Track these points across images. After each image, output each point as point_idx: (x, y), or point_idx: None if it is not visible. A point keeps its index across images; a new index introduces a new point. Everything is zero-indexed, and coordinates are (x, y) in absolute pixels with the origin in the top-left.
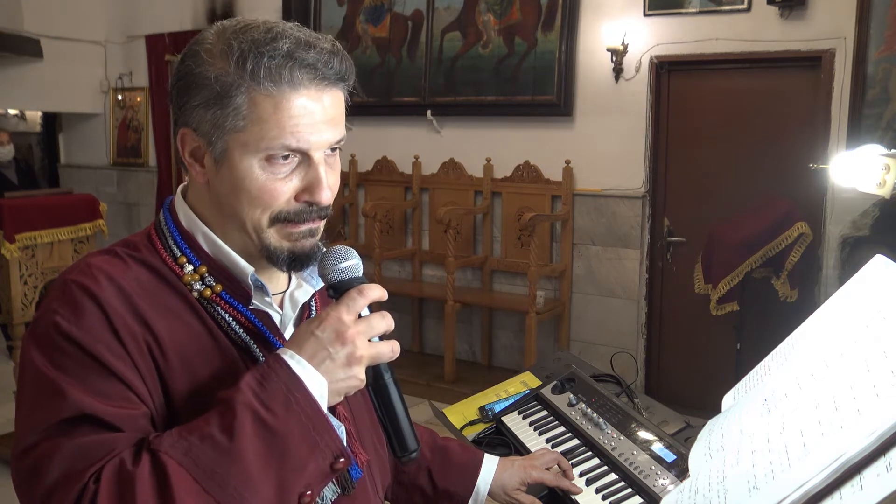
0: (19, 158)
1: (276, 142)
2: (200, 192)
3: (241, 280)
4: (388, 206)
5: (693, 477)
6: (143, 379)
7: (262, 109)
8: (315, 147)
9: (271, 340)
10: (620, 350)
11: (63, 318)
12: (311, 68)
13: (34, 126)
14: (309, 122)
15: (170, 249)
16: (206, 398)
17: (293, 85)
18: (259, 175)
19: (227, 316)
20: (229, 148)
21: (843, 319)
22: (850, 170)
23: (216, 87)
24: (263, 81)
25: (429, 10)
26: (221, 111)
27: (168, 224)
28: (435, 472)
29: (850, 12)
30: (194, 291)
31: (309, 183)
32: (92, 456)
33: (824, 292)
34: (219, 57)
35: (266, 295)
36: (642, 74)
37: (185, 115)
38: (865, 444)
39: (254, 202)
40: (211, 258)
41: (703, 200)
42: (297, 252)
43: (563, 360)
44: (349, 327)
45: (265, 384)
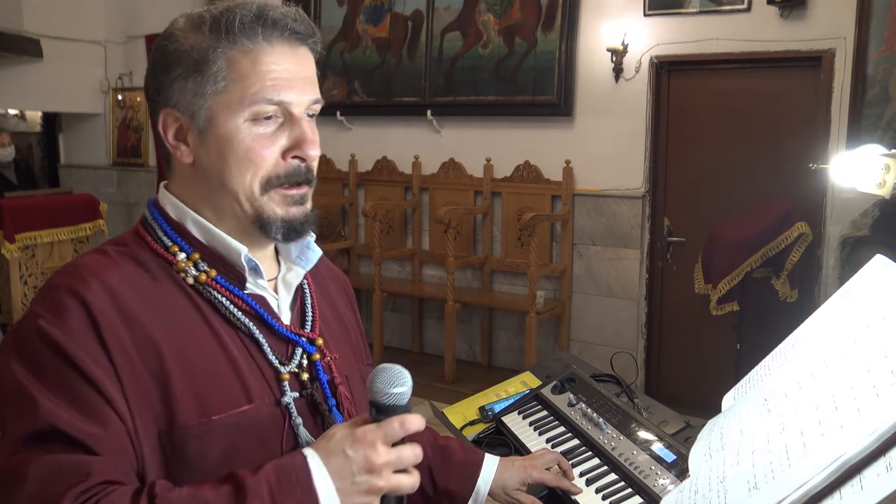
0: (19, 159)
1: (257, 96)
2: (186, 178)
3: (234, 263)
4: (388, 206)
5: (693, 477)
6: (124, 390)
7: (241, 66)
8: (296, 104)
9: (270, 323)
10: (620, 350)
11: (46, 321)
12: (281, 24)
13: (34, 126)
14: (287, 76)
15: (160, 240)
16: (207, 384)
17: (268, 39)
18: (245, 136)
19: (225, 300)
20: (213, 114)
21: (843, 319)
22: (850, 170)
23: (193, 55)
24: (239, 38)
25: (429, 10)
26: (201, 77)
27: (155, 217)
28: (435, 472)
29: (850, 12)
30: (189, 278)
31: (295, 139)
32: (67, 477)
33: (824, 292)
34: (191, 31)
35: (260, 277)
36: (642, 74)
37: (165, 95)
38: (865, 444)
39: (243, 166)
40: (203, 244)
41: (703, 200)
42: (291, 220)
43: (563, 360)
44: (380, 457)
45: (283, 482)
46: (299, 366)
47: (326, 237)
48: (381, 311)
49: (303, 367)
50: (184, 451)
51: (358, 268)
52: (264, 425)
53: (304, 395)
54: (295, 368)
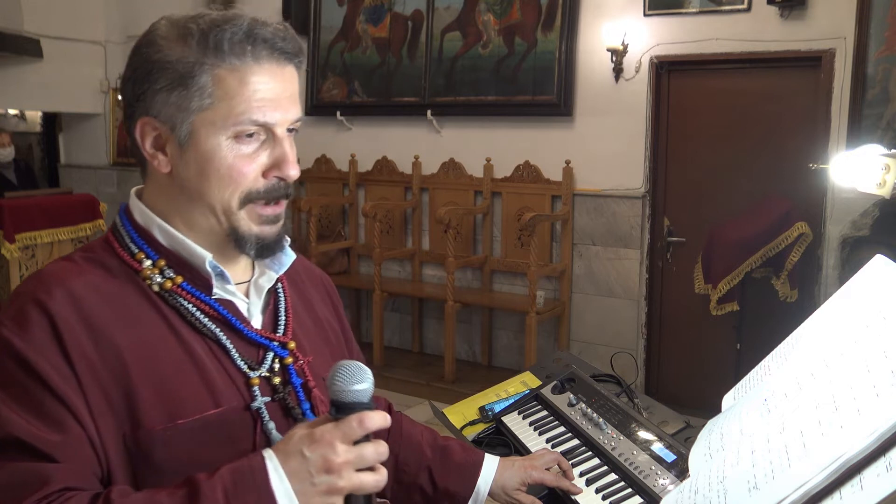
0: (19, 159)
1: (243, 116)
2: (159, 186)
3: (200, 269)
4: (388, 206)
5: (693, 477)
6: (87, 397)
7: (228, 85)
8: (280, 123)
9: (238, 328)
10: (620, 350)
11: (8, 330)
12: (270, 43)
13: (34, 126)
14: (273, 97)
15: (127, 247)
16: (173, 389)
17: (256, 59)
18: (227, 153)
19: (191, 306)
20: (195, 129)
21: (844, 319)
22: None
23: (178, 68)
24: (228, 56)
25: (429, 10)
26: (186, 92)
27: (124, 224)
28: (435, 472)
29: (850, 12)
30: (154, 285)
31: (276, 159)
32: (26, 485)
33: (824, 292)
34: (177, 41)
35: (228, 282)
36: (642, 74)
37: (145, 104)
38: (865, 444)
39: (223, 182)
40: (169, 251)
41: (703, 200)
42: (264, 238)
43: (563, 360)
44: (339, 456)
45: (238, 485)
46: (270, 370)
47: (326, 237)
48: (381, 311)
49: (274, 371)
50: (150, 455)
51: (358, 268)
52: (234, 430)
53: (276, 399)
54: (266, 373)
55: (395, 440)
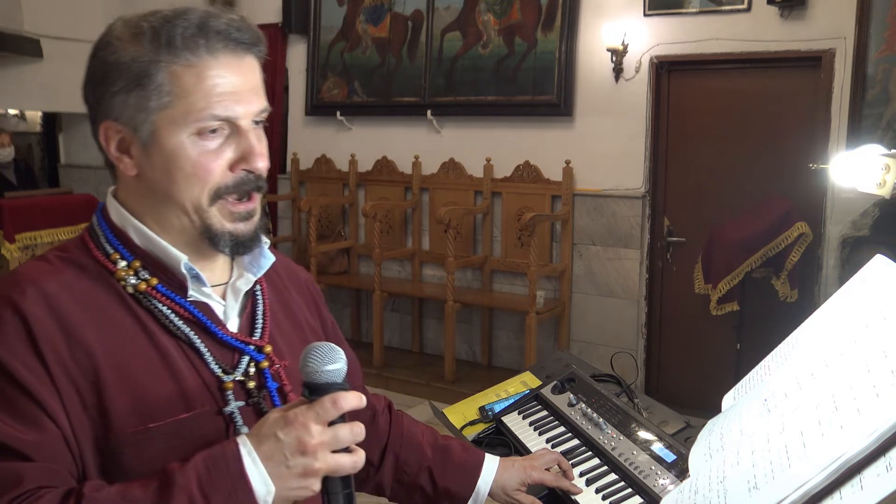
0: (19, 159)
1: (204, 112)
2: (131, 187)
3: (175, 271)
4: (388, 206)
5: (693, 477)
6: (61, 396)
7: (185, 82)
8: (243, 116)
9: (213, 331)
10: (620, 350)
11: None
12: (224, 35)
13: (34, 126)
14: (233, 90)
15: (102, 247)
16: (144, 392)
17: (211, 52)
18: (191, 151)
19: (165, 308)
20: (157, 128)
21: (844, 319)
22: (850, 170)
23: (133, 68)
24: (181, 52)
25: (429, 10)
26: (143, 92)
27: (100, 223)
28: (435, 472)
29: (850, 12)
30: (128, 287)
31: (242, 152)
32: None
33: (824, 292)
34: (130, 41)
35: (203, 285)
36: (642, 74)
37: (105, 108)
38: (865, 444)
39: (190, 180)
40: (144, 252)
41: (703, 200)
42: (238, 235)
43: (563, 360)
44: (313, 437)
45: (212, 472)
46: (245, 374)
47: (326, 237)
48: (381, 311)
49: (249, 375)
50: (120, 457)
51: (358, 268)
52: (206, 434)
53: (250, 403)
54: (240, 377)
55: (395, 440)
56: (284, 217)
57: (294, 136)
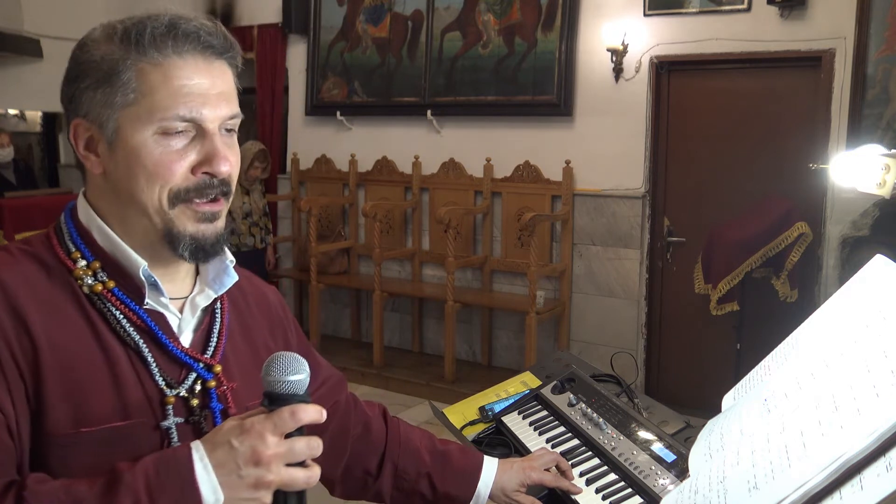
0: (18, 159)
1: (168, 112)
2: (98, 188)
3: (134, 276)
4: (388, 206)
5: (693, 477)
6: (8, 383)
7: (152, 80)
8: (209, 119)
9: (164, 342)
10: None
11: None
12: (194, 37)
13: (34, 126)
14: (199, 92)
15: (64, 245)
16: (83, 395)
17: (179, 53)
18: (153, 149)
19: (118, 313)
20: (121, 126)
21: (844, 319)
22: (850, 170)
23: (103, 66)
24: (149, 51)
25: (429, 10)
26: (110, 88)
27: (66, 221)
28: (435, 478)
29: (850, 12)
30: (84, 287)
31: (206, 154)
32: None
33: (824, 292)
34: (103, 41)
35: (161, 295)
36: (642, 74)
37: (75, 105)
38: (865, 444)
39: (151, 178)
40: (105, 253)
41: (703, 200)
42: (200, 238)
43: (563, 360)
44: (268, 448)
45: (162, 475)
46: (190, 391)
47: (326, 237)
48: (381, 311)
49: (194, 392)
50: (47, 458)
51: (358, 268)
52: (139, 446)
53: (190, 421)
54: (184, 393)
55: (393, 448)
56: (284, 217)
57: (294, 136)
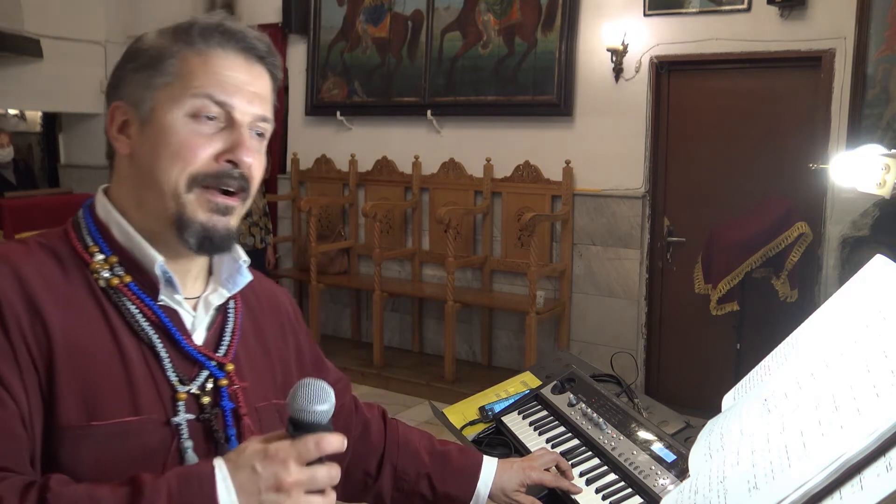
0: (18, 159)
1: (200, 89)
2: (122, 175)
3: (149, 271)
4: (388, 206)
5: (693, 477)
6: (22, 374)
7: (192, 63)
8: (239, 110)
9: (177, 339)
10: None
11: None
12: (239, 36)
13: (34, 126)
14: (235, 83)
15: (82, 239)
16: (96, 389)
17: (223, 46)
18: (182, 129)
19: (133, 308)
20: (156, 105)
21: (844, 319)
22: (850, 170)
23: (151, 53)
24: (195, 41)
25: (429, 10)
26: (153, 71)
27: (85, 216)
28: (435, 478)
29: (850, 12)
30: (101, 280)
31: (231, 143)
32: None
33: (824, 292)
34: (156, 36)
35: (176, 291)
36: (642, 74)
37: (118, 90)
38: (865, 444)
39: (173, 159)
40: (122, 248)
41: (703, 200)
42: (209, 228)
43: (563, 360)
44: (290, 475)
45: (184, 491)
46: (202, 388)
47: (326, 237)
48: (381, 311)
49: (206, 390)
50: (58, 452)
51: (358, 268)
52: (149, 441)
53: (201, 419)
54: (196, 390)
55: (392, 449)
56: (284, 217)
57: (294, 136)
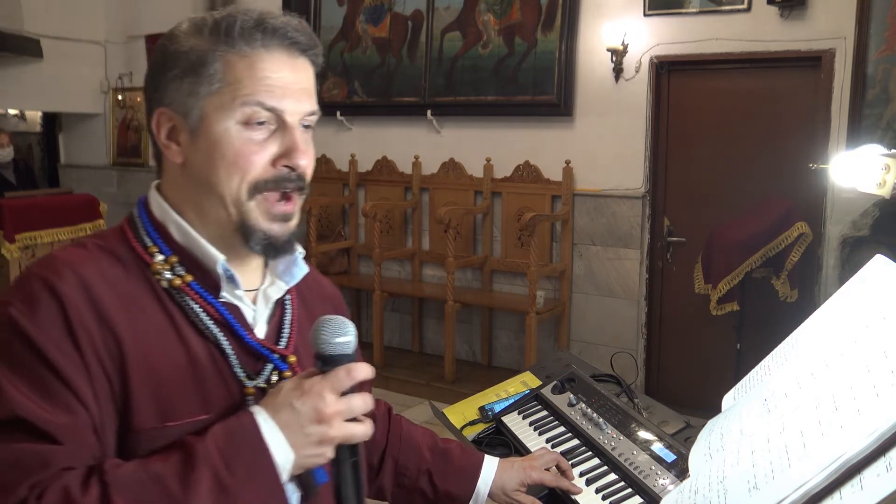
0: (18, 159)
1: (250, 97)
2: (176, 179)
3: (211, 270)
4: (388, 206)
5: (693, 477)
6: (92, 381)
7: (237, 69)
8: (290, 112)
9: (241, 334)
10: (620, 350)
11: (17, 310)
12: (281, 32)
13: (34, 126)
14: (282, 84)
15: (141, 239)
16: (167, 389)
17: (266, 46)
18: (235, 138)
19: (197, 307)
20: (205, 114)
21: (844, 319)
22: (850, 170)
23: (191, 56)
24: (237, 43)
25: (429, 10)
26: (197, 78)
27: (141, 215)
28: (435, 475)
29: (850, 12)
30: (163, 281)
31: (286, 148)
32: (26, 467)
33: (824, 292)
34: (192, 33)
35: (237, 287)
36: (642, 74)
37: (160, 94)
38: (865, 444)
39: (231, 168)
40: (182, 248)
41: (703, 200)
42: (272, 236)
43: (563, 360)
44: (329, 406)
45: (232, 442)
46: (267, 381)
47: (326, 237)
48: (381, 311)
49: (271, 383)
50: (136, 454)
51: (358, 268)
52: None
53: None
54: (262, 384)
55: (394, 444)
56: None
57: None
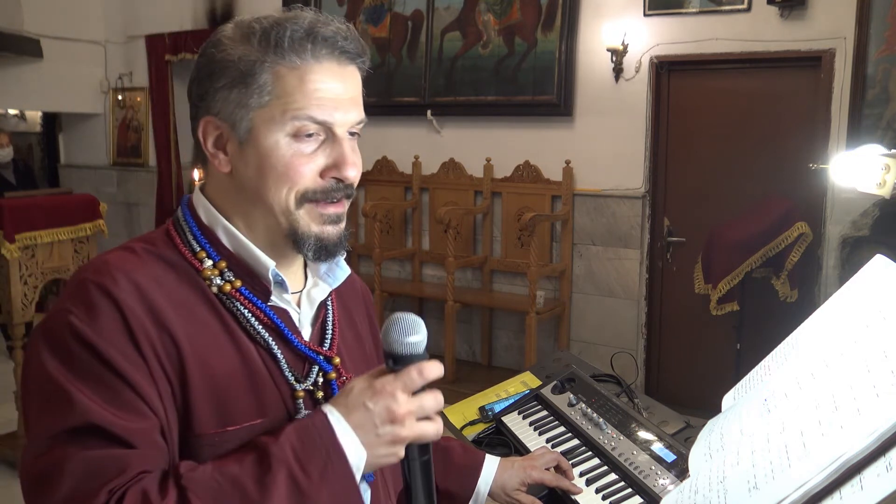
0: (18, 159)
1: (301, 112)
2: (222, 185)
3: (261, 275)
4: (388, 206)
5: (693, 477)
6: (157, 385)
7: (287, 83)
8: (339, 123)
9: (289, 338)
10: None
11: (77, 318)
12: (331, 42)
13: (34, 126)
14: (333, 96)
15: (189, 244)
16: (224, 394)
17: (316, 58)
18: (285, 151)
19: (247, 312)
20: (255, 126)
21: (844, 319)
22: (850, 170)
23: (240, 66)
24: (287, 54)
25: (429, 10)
26: (246, 89)
27: (187, 219)
28: (436, 473)
29: (850, 12)
30: (213, 286)
31: (335, 159)
32: (104, 473)
33: (824, 292)
34: (240, 41)
35: (285, 291)
36: (642, 74)
37: (207, 103)
38: (865, 444)
39: (280, 180)
40: (231, 253)
41: (703, 200)
42: (324, 239)
43: (563, 360)
44: (401, 406)
45: (306, 443)
46: (315, 384)
47: None
48: (382, 312)
49: (318, 385)
50: (197, 458)
51: (358, 268)
52: None
53: None
54: (310, 386)
55: None
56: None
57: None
